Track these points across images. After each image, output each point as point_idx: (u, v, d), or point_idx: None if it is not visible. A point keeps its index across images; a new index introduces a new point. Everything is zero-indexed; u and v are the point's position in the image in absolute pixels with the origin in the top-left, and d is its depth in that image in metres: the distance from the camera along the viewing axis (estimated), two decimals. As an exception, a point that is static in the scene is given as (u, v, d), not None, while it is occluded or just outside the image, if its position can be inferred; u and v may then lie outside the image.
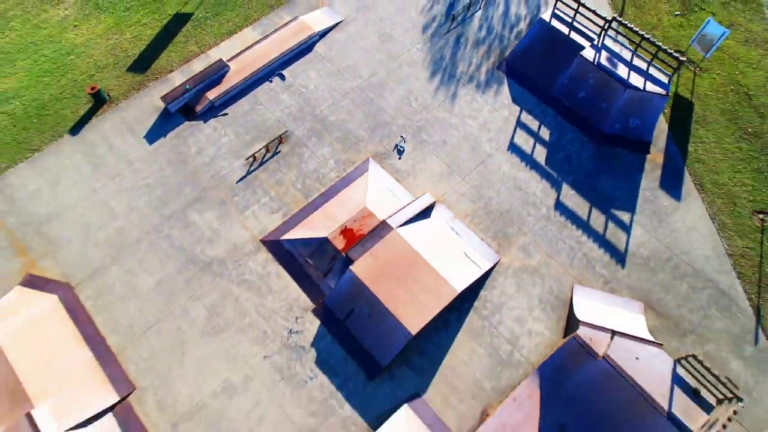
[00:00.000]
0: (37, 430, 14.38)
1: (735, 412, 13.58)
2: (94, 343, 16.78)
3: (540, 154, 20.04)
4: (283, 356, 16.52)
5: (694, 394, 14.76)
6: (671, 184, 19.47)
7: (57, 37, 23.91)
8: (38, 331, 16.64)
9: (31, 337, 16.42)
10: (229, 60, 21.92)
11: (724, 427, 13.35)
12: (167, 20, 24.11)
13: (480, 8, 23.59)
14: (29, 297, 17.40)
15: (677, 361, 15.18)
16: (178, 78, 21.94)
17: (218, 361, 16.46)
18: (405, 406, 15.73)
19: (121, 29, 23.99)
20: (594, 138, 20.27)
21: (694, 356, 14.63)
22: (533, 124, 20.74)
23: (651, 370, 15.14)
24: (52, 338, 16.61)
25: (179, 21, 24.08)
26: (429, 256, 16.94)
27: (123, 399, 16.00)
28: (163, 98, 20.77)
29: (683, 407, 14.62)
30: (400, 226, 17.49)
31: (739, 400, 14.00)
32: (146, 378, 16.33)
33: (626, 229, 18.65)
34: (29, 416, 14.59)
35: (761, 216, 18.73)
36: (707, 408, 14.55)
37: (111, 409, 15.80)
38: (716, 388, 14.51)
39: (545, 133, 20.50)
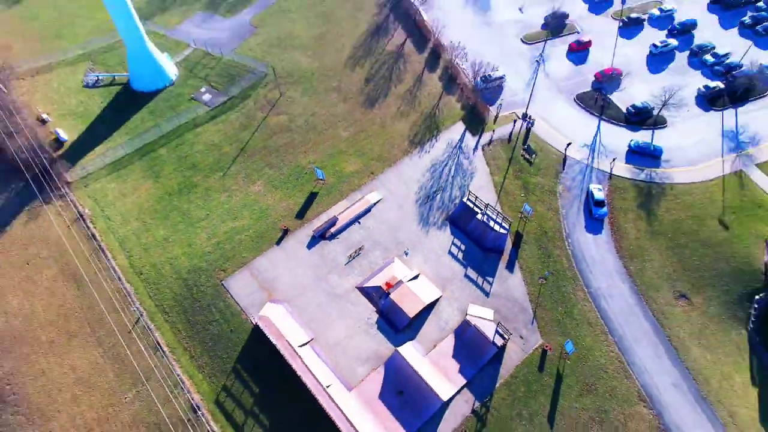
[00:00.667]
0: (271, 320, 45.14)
1: (506, 342, 44.48)
2: (300, 320, 47.73)
3: (460, 255, 51.88)
4: (364, 326, 47.36)
5: (502, 335, 45.52)
6: (508, 267, 51.12)
7: (258, 201, 56.82)
8: (280, 318, 47.62)
9: (279, 319, 47.36)
10: (338, 214, 54.37)
11: (506, 340, 44.25)
12: (307, 195, 57.06)
13: (439, 194, 56.64)
14: (274, 306, 48.55)
15: (497, 325, 46.09)
16: (315, 222, 54.34)
17: (341, 328, 47.29)
18: (409, 342, 46.40)
19: (287, 198, 56.92)
20: (482, 249, 52.23)
21: (500, 323, 45.68)
22: (459, 244, 52.80)
23: (487, 329, 46.01)
24: (285, 319, 47.55)
25: (312, 195, 57.00)
26: (416, 292, 48.26)
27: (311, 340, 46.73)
28: (313, 231, 53.01)
29: (498, 341, 45.37)
30: (407, 282, 48.97)
31: (512, 335, 44.84)
32: (313, 331, 47.22)
33: (490, 284, 50.06)
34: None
35: (541, 280, 50.18)
36: (505, 342, 45.32)
37: (308, 342, 46.49)
38: (505, 333, 45.30)
39: (463, 247, 52.52)
